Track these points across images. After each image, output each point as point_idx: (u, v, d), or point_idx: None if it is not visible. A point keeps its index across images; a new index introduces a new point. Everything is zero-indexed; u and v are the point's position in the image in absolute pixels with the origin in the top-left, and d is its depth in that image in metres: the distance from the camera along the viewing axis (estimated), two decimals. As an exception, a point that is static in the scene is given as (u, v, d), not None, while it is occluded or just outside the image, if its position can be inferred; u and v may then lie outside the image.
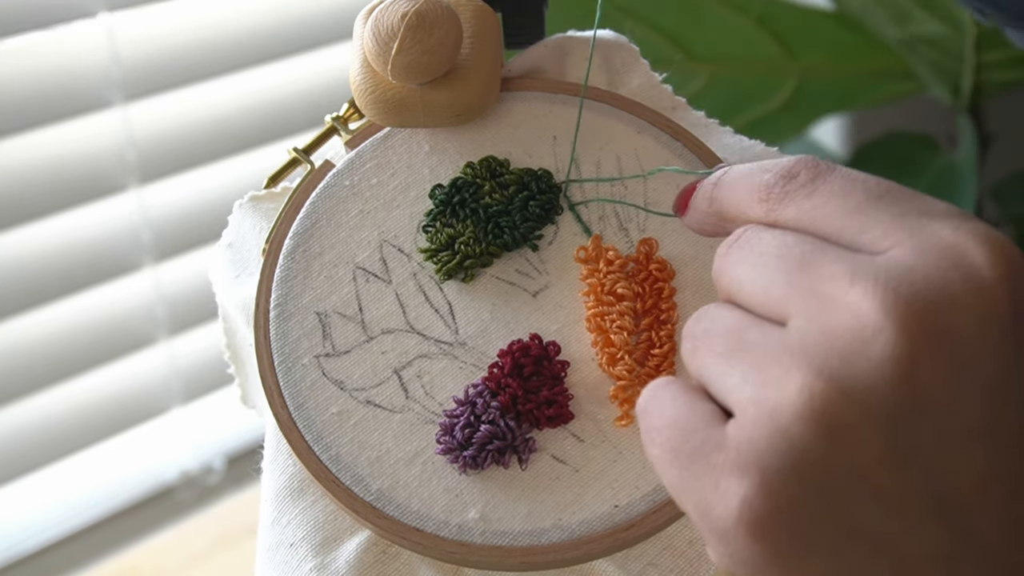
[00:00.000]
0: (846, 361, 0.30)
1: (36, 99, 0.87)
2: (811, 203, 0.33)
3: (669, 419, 0.34)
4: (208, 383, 1.03)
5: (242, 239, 0.51)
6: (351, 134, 0.51)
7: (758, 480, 0.31)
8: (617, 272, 0.47)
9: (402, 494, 0.44)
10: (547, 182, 0.49)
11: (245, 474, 1.04)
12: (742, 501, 0.31)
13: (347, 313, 0.47)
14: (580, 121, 0.50)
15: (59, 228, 0.91)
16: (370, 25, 0.47)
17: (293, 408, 0.46)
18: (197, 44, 0.94)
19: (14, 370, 0.92)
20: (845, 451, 0.30)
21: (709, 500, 0.32)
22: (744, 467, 0.31)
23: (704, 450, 0.32)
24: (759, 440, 0.31)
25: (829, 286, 0.31)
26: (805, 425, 0.30)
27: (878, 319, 0.30)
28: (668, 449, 0.33)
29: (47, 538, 0.99)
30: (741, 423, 0.31)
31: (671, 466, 0.33)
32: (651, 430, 0.34)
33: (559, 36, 0.53)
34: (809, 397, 0.30)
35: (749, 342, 0.32)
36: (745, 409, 0.31)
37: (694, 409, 0.33)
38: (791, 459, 0.30)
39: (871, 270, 0.31)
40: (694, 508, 0.32)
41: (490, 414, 0.45)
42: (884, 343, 0.30)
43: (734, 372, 0.32)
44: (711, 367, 0.33)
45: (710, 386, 0.33)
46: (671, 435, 0.33)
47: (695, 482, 0.32)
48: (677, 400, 0.34)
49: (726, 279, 0.34)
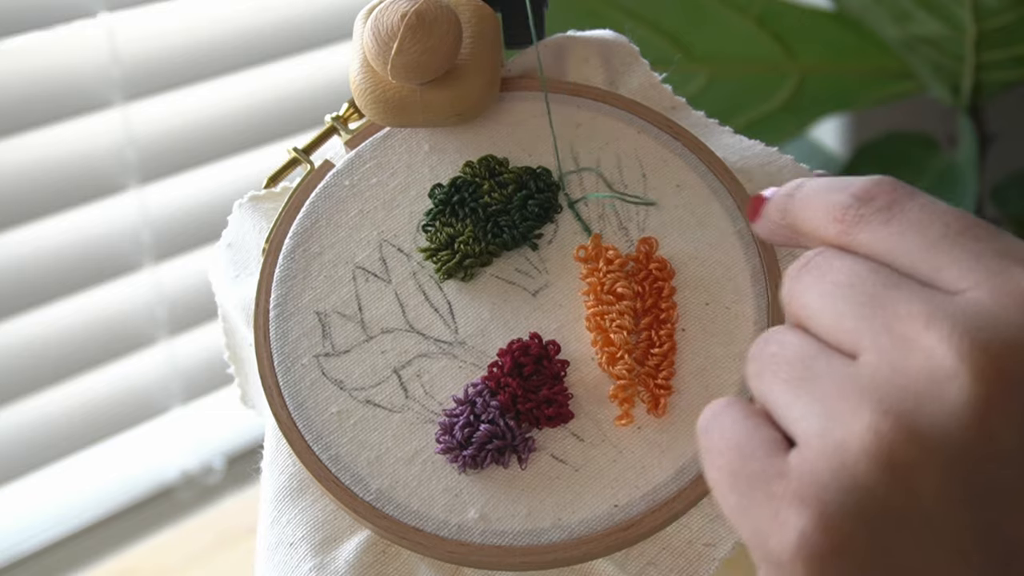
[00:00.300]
0: (918, 403, 0.30)
1: (36, 99, 0.87)
2: (887, 231, 0.33)
3: (730, 442, 0.33)
4: (208, 383, 1.03)
5: (242, 239, 0.51)
6: (351, 134, 0.51)
7: (818, 514, 0.30)
8: (617, 271, 0.47)
9: (402, 494, 0.44)
10: (546, 180, 0.49)
11: (245, 474, 1.04)
12: (800, 534, 0.30)
13: (347, 313, 0.47)
14: (551, 119, 0.50)
15: (59, 228, 0.91)
16: (370, 25, 0.47)
17: (293, 408, 0.46)
18: (197, 44, 0.94)
19: (14, 370, 0.92)
20: (908, 492, 0.30)
21: (766, 529, 0.31)
22: (805, 500, 0.31)
23: (764, 477, 0.32)
24: (822, 474, 0.30)
25: (904, 325, 0.31)
26: (871, 464, 0.30)
27: (953, 364, 0.30)
28: (728, 473, 0.33)
29: (47, 538, 0.99)
30: (804, 455, 0.31)
31: (730, 490, 0.33)
32: (711, 451, 0.34)
33: (559, 36, 0.53)
34: (876, 436, 0.30)
35: (817, 372, 0.32)
36: (809, 441, 0.31)
37: (757, 434, 0.33)
38: (854, 497, 0.30)
39: (948, 312, 0.30)
40: (750, 535, 0.32)
41: (490, 413, 0.45)
42: (958, 389, 0.30)
43: (800, 402, 0.32)
44: (776, 394, 0.33)
45: (774, 412, 0.33)
46: (732, 459, 0.33)
47: (753, 509, 0.32)
48: (739, 423, 0.33)
49: (796, 304, 0.34)
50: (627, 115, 0.51)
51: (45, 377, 0.93)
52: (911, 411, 0.30)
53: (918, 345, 0.30)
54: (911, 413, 0.30)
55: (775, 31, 1.05)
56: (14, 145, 0.87)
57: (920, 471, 0.30)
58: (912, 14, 1.00)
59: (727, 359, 0.46)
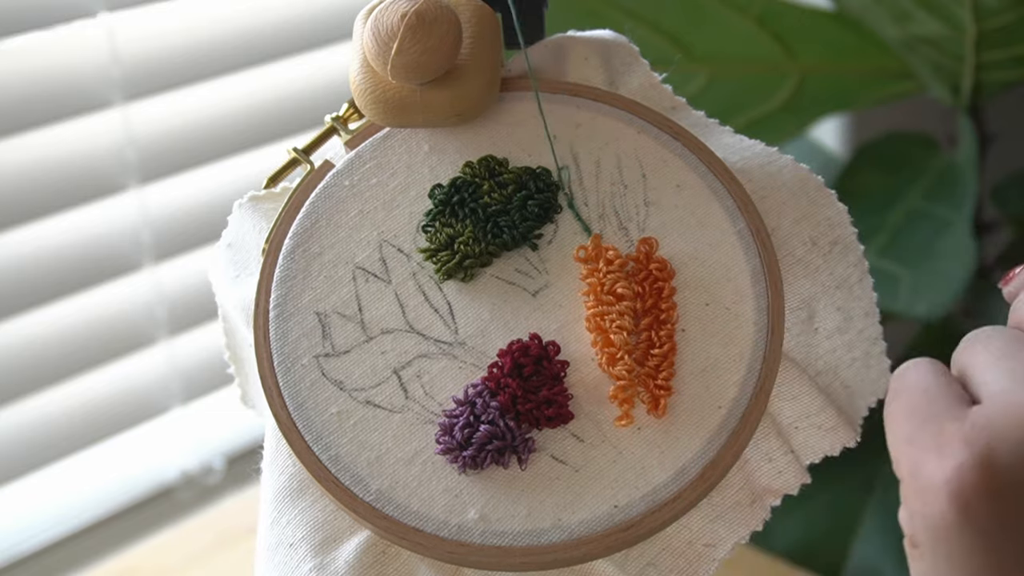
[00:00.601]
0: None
1: (36, 99, 0.87)
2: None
3: (920, 384, 0.35)
4: (208, 383, 1.03)
5: (242, 239, 0.51)
6: (351, 134, 0.51)
7: (981, 453, 0.32)
8: (617, 272, 0.47)
9: (402, 494, 0.44)
10: (545, 181, 0.49)
11: (245, 474, 1.04)
12: (958, 467, 0.32)
13: (347, 313, 0.47)
14: (546, 121, 0.50)
15: (59, 228, 0.91)
16: (370, 25, 0.47)
17: (292, 408, 0.46)
18: (197, 44, 0.94)
19: (14, 370, 0.92)
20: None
21: (926, 458, 0.33)
22: (973, 441, 0.32)
23: (942, 417, 0.34)
24: (997, 423, 0.32)
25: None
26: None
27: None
28: (909, 406, 0.35)
29: (47, 538, 0.99)
30: (986, 407, 0.33)
31: (906, 420, 0.35)
32: (899, 391, 0.36)
33: (559, 36, 0.53)
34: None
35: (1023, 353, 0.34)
36: (994, 396, 0.33)
37: (948, 386, 0.35)
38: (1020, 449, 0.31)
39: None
40: (908, 462, 0.34)
41: (489, 414, 0.45)
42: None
43: (999, 368, 0.34)
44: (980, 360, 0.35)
45: (970, 377, 0.35)
46: (916, 397, 0.35)
47: (920, 439, 0.34)
48: (933, 374, 0.36)
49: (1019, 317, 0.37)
50: (627, 115, 0.51)
51: (45, 377, 0.93)
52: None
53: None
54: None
55: (775, 31, 1.05)
56: (14, 145, 0.87)
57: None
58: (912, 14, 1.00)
59: (727, 360, 0.46)
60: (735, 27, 1.05)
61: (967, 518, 0.32)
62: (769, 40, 1.06)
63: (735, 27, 1.05)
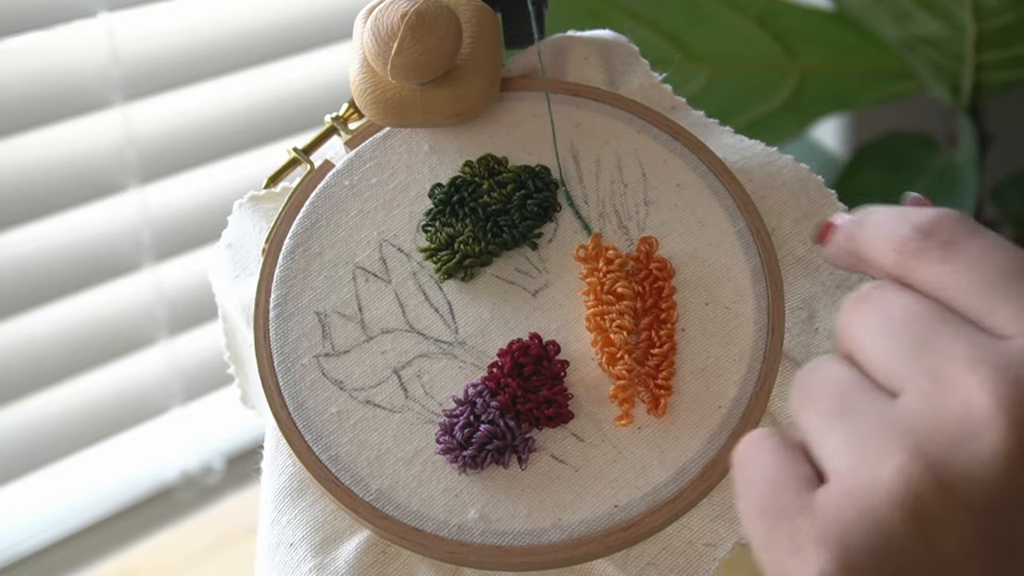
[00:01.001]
0: (949, 450, 0.30)
1: (36, 99, 0.87)
2: (944, 268, 0.33)
3: (763, 475, 0.33)
4: (208, 383, 1.03)
5: (242, 239, 0.51)
6: (351, 134, 0.51)
7: (838, 555, 0.30)
8: (617, 271, 0.47)
9: (402, 494, 0.44)
10: (545, 179, 0.49)
11: (245, 474, 1.04)
12: (819, 574, 0.30)
13: (347, 313, 0.47)
14: (552, 119, 0.50)
15: (59, 228, 0.91)
16: (370, 25, 0.47)
17: (293, 408, 0.46)
18: (197, 44, 0.94)
19: (14, 370, 0.92)
20: (931, 540, 0.30)
21: (787, 565, 0.31)
22: (827, 539, 0.31)
23: (790, 513, 0.32)
24: (847, 514, 0.30)
25: (947, 367, 0.31)
26: (895, 509, 0.30)
27: (990, 411, 0.29)
28: (757, 506, 0.33)
29: (47, 538, 0.99)
30: (831, 492, 0.31)
31: (757, 523, 0.33)
32: (744, 482, 0.34)
33: (559, 36, 0.53)
34: (904, 480, 0.30)
35: (856, 408, 0.32)
36: (839, 478, 0.31)
37: (789, 468, 0.33)
38: (875, 541, 0.30)
39: (991, 357, 0.30)
40: (771, 569, 0.32)
41: (490, 414, 0.45)
42: (992, 438, 0.29)
43: (835, 436, 0.32)
44: (814, 426, 0.33)
45: (810, 445, 0.33)
46: (762, 491, 0.33)
47: (776, 543, 0.32)
48: (774, 455, 0.33)
49: (847, 335, 0.34)
50: (627, 115, 0.51)
51: (45, 377, 0.93)
52: (942, 457, 0.30)
53: (958, 389, 0.30)
54: (942, 459, 0.30)
55: (775, 31, 1.05)
56: (14, 145, 0.87)
57: (945, 519, 0.30)
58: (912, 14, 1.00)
59: (727, 359, 0.46)
60: (735, 27, 1.05)
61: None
62: (769, 40, 1.06)
63: (735, 27, 1.05)
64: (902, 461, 0.30)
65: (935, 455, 0.30)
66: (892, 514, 0.30)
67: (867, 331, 0.33)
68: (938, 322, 0.32)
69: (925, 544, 0.30)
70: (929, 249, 0.33)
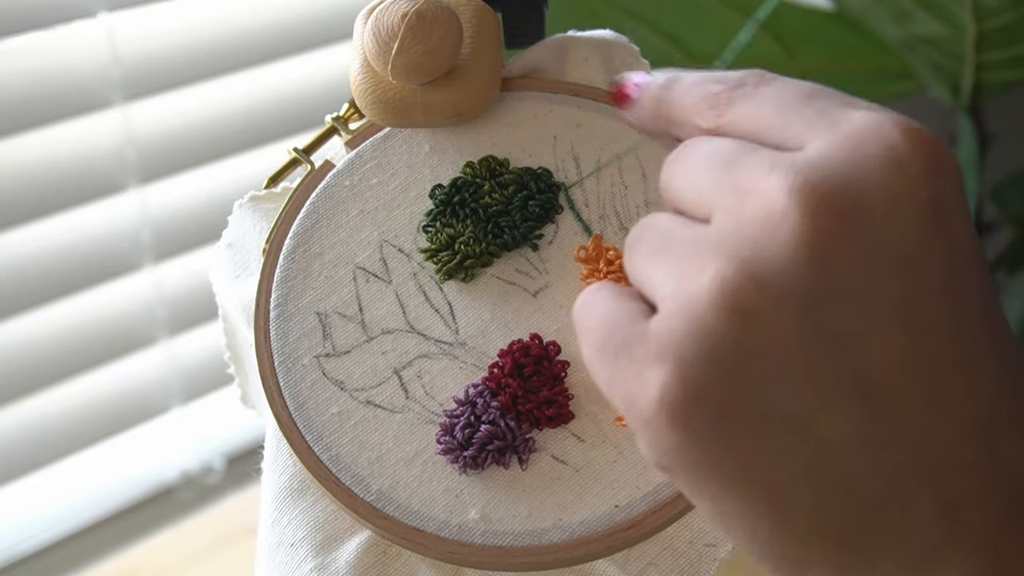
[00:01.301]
0: (756, 247, 0.31)
1: (36, 99, 0.87)
2: (749, 106, 0.34)
3: (599, 318, 0.34)
4: (208, 383, 1.03)
5: (242, 239, 0.51)
6: (351, 134, 0.51)
7: (675, 367, 0.31)
8: (618, 272, 0.47)
9: (402, 494, 0.44)
10: (546, 181, 0.49)
11: (245, 474, 1.04)
12: (661, 388, 0.31)
13: (347, 313, 0.47)
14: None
15: (59, 228, 0.91)
16: (370, 25, 0.47)
17: (293, 408, 0.46)
18: (197, 44, 0.94)
19: (14, 370, 0.92)
20: (759, 335, 0.31)
21: (633, 391, 0.32)
22: (663, 356, 0.31)
23: (628, 343, 0.33)
24: (676, 330, 0.31)
25: (749, 180, 0.32)
26: (719, 312, 0.31)
27: (786, 203, 0.31)
28: (597, 348, 0.34)
29: (47, 538, 0.99)
30: (662, 315, 0.32)
31: (601, 364, 0.34)
32: (583, 332, 0.35)
33: (559, 36, 0.53)
34: (720, 284, 0.31)
35: (675, 240, 0.33)
36: (665, 302, 0.32)
37: (621, 307, 0.34)
38: (706, 345, 0.31)
39: (787, 161, 0.31)
40: (622, 401, 0.33)
41: (490, 414, 0.45)
42: (791, 226, 0.30)
43: (659, 269, 0.33)
44: (641, 267, 0.34)
45: (641, 286, 0.34)
46: (600, 334, 0.34)
47: (620, 375, 0.33)
48: (608, 301, 0.35)
49: (666, 189, 0.35)
50: (627, 115, 0.51)
51: (45, 377, 0.93)
52: (751, 255, 0.31)
53: (757, 193, 0.31)
54: (752, 257, 0.31)
55: (775, 31, 1.05)
56: (14, 145, 0.87)
57: (767, 313, 0.30)
58: (912, 14, 1.00)
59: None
60: (735, 27, 1.05)
61: (692, 431, 0.31)
62: (769, 40, 1.06)
63: (735, 27, 1.05)
64: (715, 268, 0.31)
65: (744, 255, 0.31)
66: (716, 317, 0.31)
67: (679, 176, 0.35)
68: (741, 149, 0.33)
69: (754, 340, 0.31)
70: (738, 97, 0.35)
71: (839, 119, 0.32)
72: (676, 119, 0.37)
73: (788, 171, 0.31)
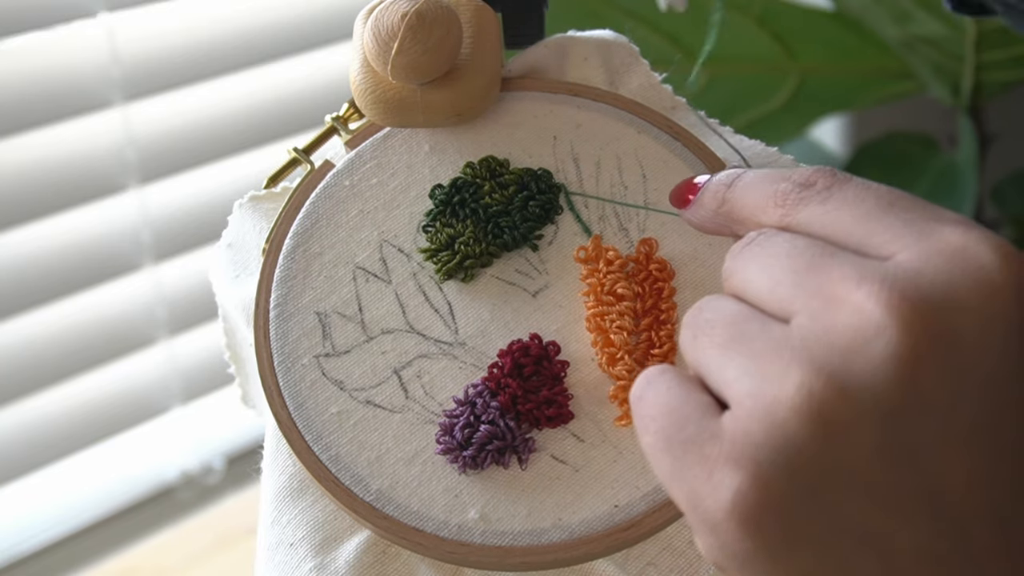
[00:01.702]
0: (846, 359, 0.30)
1: (36, 99, 0.87)
2: (824, 208, 0.34)
3: (664, 407, 0.34)
4: (208, 383, 1.03)
5: (242, 239, 0.51)
6: (351, 134, 0.51)
7: (752, 473, 0.31)
8: (617, 272, 0.47)
9: (402, 494, 0.44)
10: (547, 182, 0.49)
11: (245, 474, 1.04)
12: (735, 493, 0.31)
13: (347, 313, 0.47)
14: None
15: (59, 228, 0.91)
16: (370, 25, 0.47)
17: (293, 408, 0.46)
18: (197, 44, 0.94)
19: (14, 370, 0.92)
20: (839, 448, 0.30)
21: (701, 491, 0.32)
22: (738, 460, 0.31)
23: (698, 440, 0.32)
24: (755, 433, 0.31)
25: (836, 287, 0.31)
26: (801, 421, 0.30)
27: (881, 318, 0.30)
28: (662, 437, 0.33)
29: (47, 538, 0.99)
30: (737, 415, 0.32)
31: (664, 455, 0.33)
32: (645, 418, 0.34)
33: (559, 36, 0.53)
34: (807, 393, 0.30)
35: (750, 334, 0.33)
36: (742, 402, 0.32)
37: (690, 398, 0.33)
38: (786, 454, 0.30)
39: (878, 272, 0.31)
40: (685, 498, 0.33)
41: (490, 414, 0.45)
42: (886, 343, 0.30)
43: (733, 364, 0.32)
44: (710, 357, 0.33)
45: (707, 377, 0.33)
46: (665, 423, 0.33)
47: (687, 472, 0.32)
48: (673, 389, 0.34)
49: (735, 277, 0.35)
50: (627, 115, 0.51)
51: (45, 377, 0.93)
52: (841, 367, 0.30)
53: (848, 303, 0.31)
54: (841, 369, 0.30)
55: (775, 31, 1.05)
56: (14, 145, 0.87)
57: (851, 426, 0.30)
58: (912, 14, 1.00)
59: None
60: (735, 27, 1.05)
61: (762, 539, 0.31)
62: (769, 40, 1.06)
63: (735, 27, 1.05)
64: (802, 376, 0.31)
65: (833, 367, 0.30)
66: (798, 426, 0.30)
67: (754, 268, 0.34)
68: (821, 252, 0.33)
69: (833, 452, 0.30)
70: (809, 196, 0.34)
71: (928, 232, 0.32)
72: (739, 216, 0.37)
73: (882, 284, 0.31)
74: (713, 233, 0.38)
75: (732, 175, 0.37)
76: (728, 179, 0.37)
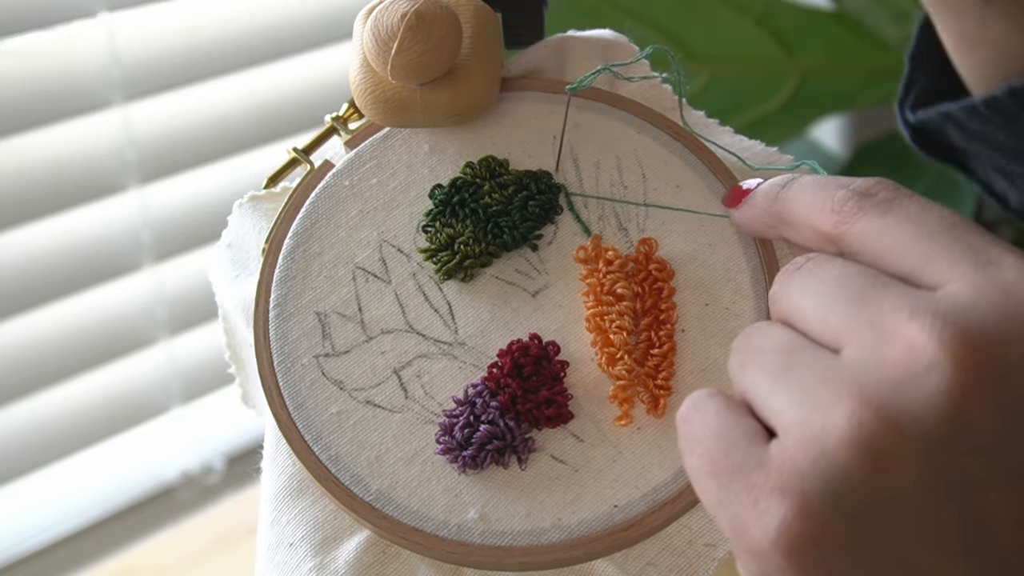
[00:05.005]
0: (898, 392, 0.30)
1: (36, 99, 0.87)
2: (883, 221, 0.33)
3: (711, 432, 0.33)
4: (208, 383, 1.03)
5: (242, 239, 0.51)
6: (351, 134, 0.51)
7: (799, 503, 0.31)
8: (616, 272, 0.47)
9: (401, 494, 0.44)
10: (546, 182, 0.49)
11: (245, 474, 1.04)
12: (781, 522, 0.31)
13: (346, 313, 0.47)
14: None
15: (59, 228, 0.91)
16: (370, 25, 0.47)
17: (292, 408, 0.46)
18: (197, 44, 0.94)
19: (14, 370, 0.92)
20: (887, 480, 0.30)
21: (746, 519, 0.32)
22: (785, 489, 0.31)
23: (745, 468, 0.32)
24: (802, 463, 0.31)
25: (888, 319, 0.31)
26: (850, 452, 0.30)
27: (934, 353, 0.30)
28: (708, 462, 0.33)
29: (47, 538, 0.99)
30: (784, 444, 0.31)
31: (709, 479, 0.33)
32: (691, 441, 0.34)
33: (559, 36, 0.53)
34: (856, 425, 0.30)
35: (800, 364, 0.32)
36: (789, 431, 0.31)
37: (738, 424, 0.33)
38: (833, 485, 0.30)
39: (931, 306, 0.31)
40: (730, 525, 0.32)
41: (489, 414, 0.45)
42: (939, 378, 0.30)
43: (781, 392, 0.32)
44: (759, 384, 0.33)
45: (755, 403, 0.33)
46: (712, 448, 0.33)
47: (733, 499, 0.32)
48: (721, 413, 0.34)
49: (784, 303, 0.34)
50: (627, 115, 0.51)
51: (45, 377, 0.93)
52: (891, 400, 0.30)
53: (900, 336, 0.31)
54: (891, 402, 0.30)
55: (775, 31, 1.05)
56: (14, 145, 0.87)
57: (900, 460, 0.30)
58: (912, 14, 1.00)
59: (727, 360, 0.46)
60: (735, 27, 1.05)
61: (807, 568, 0.31)
62: (769, 40, 1.06)
63: (735, 27, 1.05)
64: (851, 408, 0.30)
65: (883, 399, 0.30)
66: (848, 457, 0.30)
67: (804, 295, 0.34)
68: (873, 281, 0.32)
69: (880, 485, 0.30)
70: (868, 207, 0.34)
71: (986, 263, 0.31)
72: (792, 218, 0.36)
73: (935, 318, 0.30)
74: (760, 235, 0.38)
75: (788, 177, 0.37)
76: (783, 180, 0.37)
